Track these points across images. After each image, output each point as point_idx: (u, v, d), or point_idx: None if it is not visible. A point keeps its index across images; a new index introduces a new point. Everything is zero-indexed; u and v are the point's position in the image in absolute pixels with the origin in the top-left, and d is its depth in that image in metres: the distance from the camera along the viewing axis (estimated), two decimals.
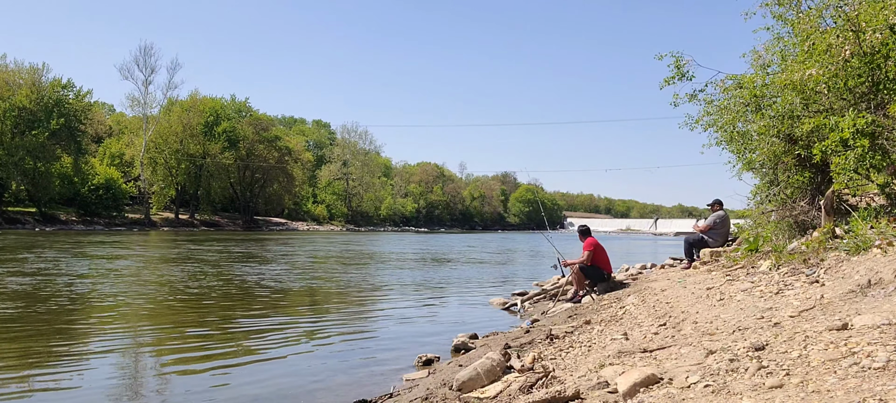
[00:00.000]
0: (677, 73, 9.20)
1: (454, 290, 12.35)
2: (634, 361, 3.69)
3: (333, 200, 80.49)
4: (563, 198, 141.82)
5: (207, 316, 8.43)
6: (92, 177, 49.87)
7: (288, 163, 67.87)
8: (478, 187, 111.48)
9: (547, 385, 3.72)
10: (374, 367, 5.73)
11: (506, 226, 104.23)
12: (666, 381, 3.00)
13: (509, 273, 17.02)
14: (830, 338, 3.02)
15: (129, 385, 5.18)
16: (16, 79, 45.63)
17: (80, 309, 8.77)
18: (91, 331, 7.41)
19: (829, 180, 7.52)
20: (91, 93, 53.82)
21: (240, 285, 11.97)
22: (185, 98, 62.21)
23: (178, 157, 58.38)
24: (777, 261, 6.36)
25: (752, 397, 2.45)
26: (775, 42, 9.06)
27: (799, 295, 4.67)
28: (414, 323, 8.40)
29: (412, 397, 4.37)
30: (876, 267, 4.60)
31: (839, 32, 6.94)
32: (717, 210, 10.06)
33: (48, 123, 45.40)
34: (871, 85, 6.87)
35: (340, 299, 10.92)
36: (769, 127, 8.09)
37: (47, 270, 13.54)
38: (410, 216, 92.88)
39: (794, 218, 8.20)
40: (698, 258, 9.49)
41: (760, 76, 8.71)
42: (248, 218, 63.09)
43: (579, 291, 8.79)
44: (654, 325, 5.10)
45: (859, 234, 5.82)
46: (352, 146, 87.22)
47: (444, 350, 6.34)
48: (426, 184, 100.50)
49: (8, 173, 43.49)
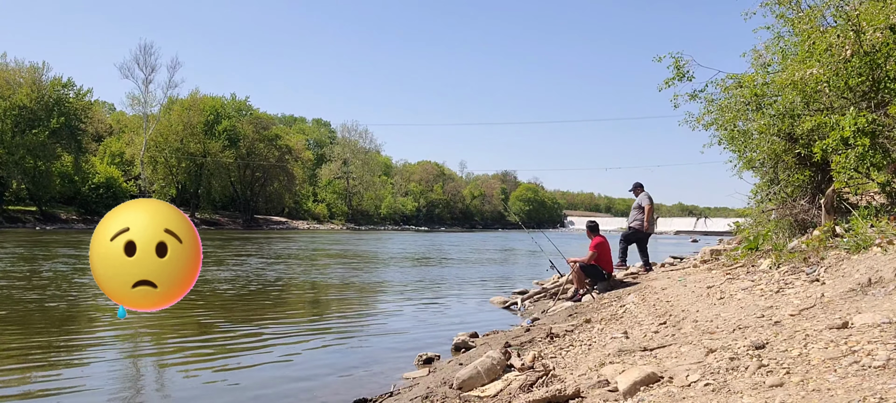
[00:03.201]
0: (677, 74, 9.20)
1: (454, 289, 12.35)
2: (635, 360, 3.69)
3: (334, 199, 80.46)
4: (564, 196, 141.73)
5: (207, 315, 8.43)
6: (92, 176, 49.88)
7: (288, 161, 67.87)
8: (478, 186, 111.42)
9: (547, 384, 3.72)
10: (375, 366, 5.74)
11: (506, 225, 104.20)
12: (666, 380, 3.00)
13: (509, 272, 17.03)
14: (831, 337, 3.02)
15: (129, 385, 5.18)
16: (16, 78, 45.59)
17: (79, 309, 8.78)
18: (90, 331, 7.42)
19: (830, 179, 7.53)
20: (91, 91, 53.88)
21: (240, 284, 11.97)
22: (185, 97, 62.15)
23: (179, 156, 58.37)
24: (777, 260, 6.36)
25: (752, 395, 2.45)
26: (776, 41, 9.06)
27: (799, 293, 4.67)
28: (414, 321, 8.40)
29: (412, 395, 4.37)
30: (876, 266, 4.60)
31: (840, 31, 6.94)
32: (639, 193, 10.11)
33: (48, 122, 45.40)
34: (871, 84, 6.87)
35: (341, 298, 10.92)
36: (769, 125, 8.09)
37: (47, 269, 13.55)
38: (411, 215, 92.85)
39: (794, 216, 8.20)
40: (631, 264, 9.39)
41: (761, 75, 8.71)
42: (248, 217, 63.08)
43: (580, 290, 8.79)
44: (654, 324, 5.10)
45: (860, 233, 5.82)
46: (352, 145, 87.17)
47: (445, 349, 6.34)
48: (426, 183, 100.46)
49: (8, 172, 43.49)
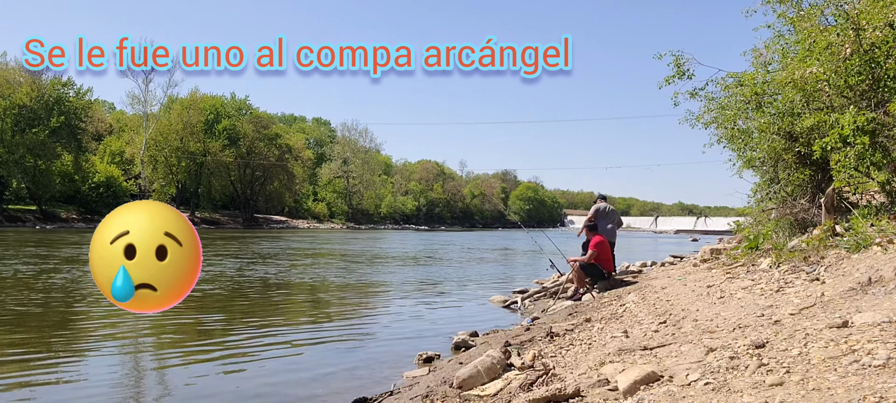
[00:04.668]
0: (677, 72, 9.20)
1: (454, 288, 12.35)
2: (635, 359, 3.70)
3: (334, 198, 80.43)
4: (564, 195, 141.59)
5: (207, 315, 8.44)
6: (92, 175, 49.86)
7: (288, 160, 67.83)
8: (478, 185, 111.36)
9: (547, 383, 3.72)
10: (375, 365, 5.74)
11: (506, 224, 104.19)
12: (666, 379, 3.00)
13: (509, 271, 17.03)
14: (831, 336, 3.02)
15: (129, 384, 5.19)
16: (16, 78, 45.56)
17: (79, 308, 8.78)
18: (90, 330, 7.42)
19: (830, 178, 7.53)
20: (91, 91, 53.70)
21: (240, 283, 11.98)
22: (185, 96, 62.12)
23: (179, 155, 58.33)
24: (777, 259, 6.36)
25: (752, 394, 2.45)
26: (776, 40, 9.07)
27: (799, 292, 4.67)
28: (414, 320, 8.41)
29: (413, 395, 4.37)
30: (876, 265, 4.60)
31: (839, 30, 6.94)
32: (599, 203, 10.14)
33: (48, 121, 45.36)
34: (871, 82, 6.87)
35: (341, 297, 10.93)
36: (770, 124, 8.09)
37: (46, 269, 13.55)
38: (411, 214, 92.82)
39: (794, 215, 8.20)
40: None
41: (761, 74, 8.71)
42: (248, 216, 63.05)
43: (580, 289, 8.79)
44: (654, 323, 5.10)
45: (860, 232, 5.82)
46: (352, 144, 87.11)
47: (445, 348, 6.34)
48: (426, 182, 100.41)
49: (8, 171, 43.47)
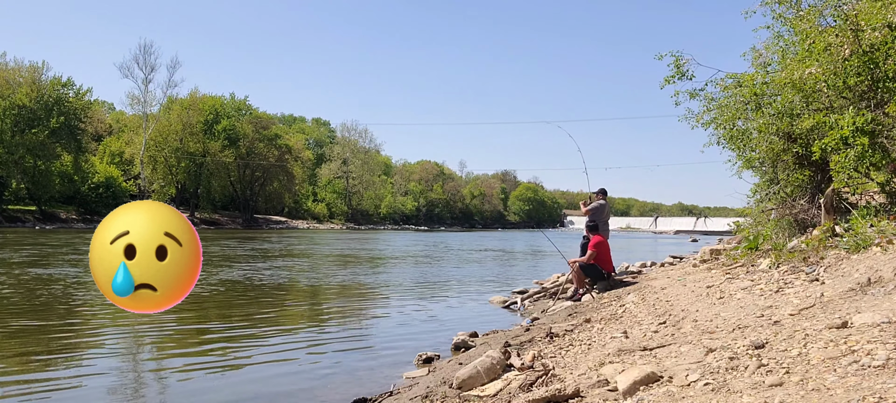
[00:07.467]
0: (677, 73, 9.21)
1: (454, 288, 12.35)
2: (634, 359, 3.70)
3: (333, 198, 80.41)
4: (563, 196, 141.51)
5: (207, 315, 8.44)
6: (92, 176, 49.83)
7: (288, 161, 67.81)
8: (478, 185, 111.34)
9: (547, 384, 3.73)
10: (375, 365, 5.74)
11: (506, 225, 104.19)
12: (666, 379, 3.01)
13: (509, 271, 17.03)
14: (830, 336, 3.02)
15: (128, 385, 5.19)
16: (16, 78, 45.55)
17: (79, 308, 8.77)
18: (90, 330, 7.42)
19: (829, 178, 7.54)
20: (91, 91, 53.83)
21: (240, 283, 11.98)
22: (184, 96, 62.10)
23: (178, 156, 58.32)
24: (777, 260, 6.37)
25: (751, 395, 2.45)
26: (775, 40, 9.07)
27: (799, 293, 4.67)
28: (414, 321, 8.41)
29: (412, 395, 4.37)
30: (876, 266, 4.61)
31: (838, 31, 6.95)
32: (599, 198, 10.14)
33: (48, 121, 45.36)
34: (870, 83, 6.88)
35: (341, 297, 10.93)
36: (769, 125, 8.10)
37: (46, 268, 13.54)
38: (410, 214, 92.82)
39: (793, 216, 8.21)
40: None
41: (760, 74, 8.71)
42: (248, 217, 63.05)
43: (579, 289, 8.80)
44: (654, 323, 5.10)
45: (859, 232, 5.83)
46: (352, 144, 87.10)
47: (445, 349, 6.34)
48: (426, 183, 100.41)
49: (8, 171, 43.48)
